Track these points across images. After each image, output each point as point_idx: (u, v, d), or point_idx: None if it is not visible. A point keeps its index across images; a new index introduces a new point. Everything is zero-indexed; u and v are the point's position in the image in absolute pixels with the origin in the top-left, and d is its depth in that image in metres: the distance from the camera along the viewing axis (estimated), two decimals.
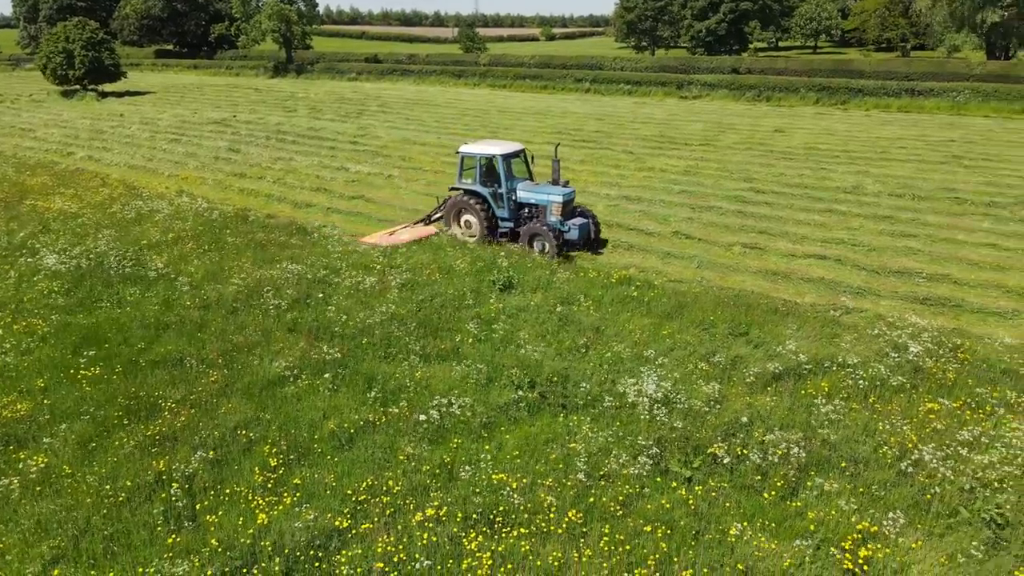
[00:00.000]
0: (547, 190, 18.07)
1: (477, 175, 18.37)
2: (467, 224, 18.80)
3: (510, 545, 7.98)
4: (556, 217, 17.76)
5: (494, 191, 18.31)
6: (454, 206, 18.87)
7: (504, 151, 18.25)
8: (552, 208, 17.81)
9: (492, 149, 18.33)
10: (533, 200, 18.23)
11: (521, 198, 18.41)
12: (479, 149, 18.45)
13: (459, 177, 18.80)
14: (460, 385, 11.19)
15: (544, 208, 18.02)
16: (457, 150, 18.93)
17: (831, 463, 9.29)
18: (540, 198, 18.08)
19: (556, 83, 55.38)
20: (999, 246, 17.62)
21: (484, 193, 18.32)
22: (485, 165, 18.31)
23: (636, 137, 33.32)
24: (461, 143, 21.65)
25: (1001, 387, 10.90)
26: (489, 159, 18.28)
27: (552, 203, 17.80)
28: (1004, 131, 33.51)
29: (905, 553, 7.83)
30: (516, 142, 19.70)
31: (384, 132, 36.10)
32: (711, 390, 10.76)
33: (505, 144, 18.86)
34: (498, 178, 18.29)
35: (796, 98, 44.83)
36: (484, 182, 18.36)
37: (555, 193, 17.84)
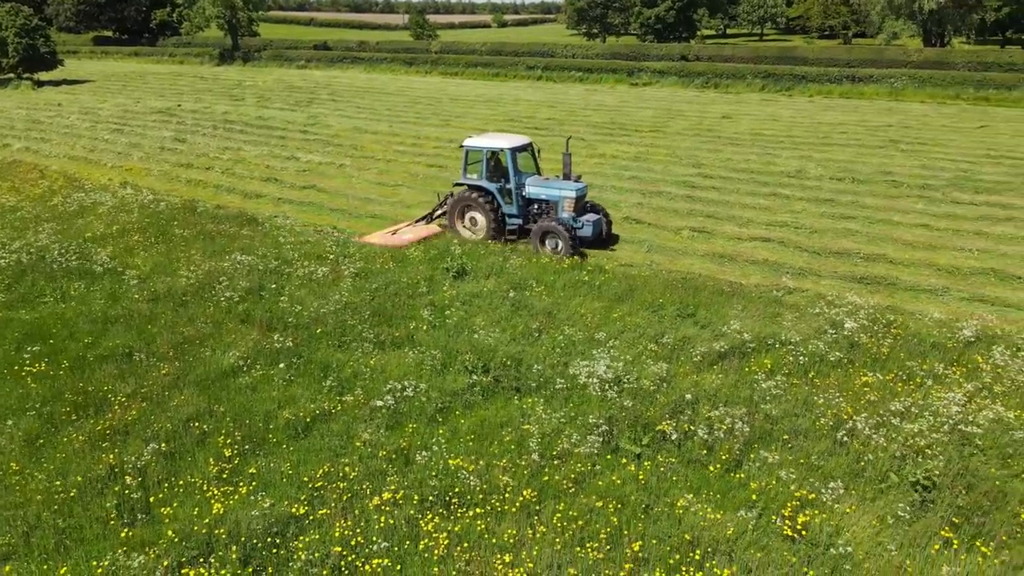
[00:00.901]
0: (559, 185, 17.28)
1: (483, 170, 17.52)
2: (472, 222, 17.96)
3: (466, 525, 8.17)
4: (568, 213, 16.96)
5: (501, 187, 17.48)
6: (458, 203, 17.97)
7: (512, 144, 17.42)
8: (564, 204, 16.99)
9: (499, 142, 17.54)
10: (543, 196, 17.39)
11: (531, 194, 17.53)
12: (485, 143, 17.64)
13: (464, 172, 17.91)
14: (415, 371, 11.32)
15: (555, 204, 17.21)
16: (461, 144, 18.10)
17: (773, 436, 9.71)
18: (551, 193, 17.25)
19: (508, 70, 55.38)
20: (931, 227, 18.43)
21: (491, 189, 17.48)
22: (491, 159, 17.53)
23: (587, 124, 33.64)
24: (409, 129, 21.59)
25: (930, 360, 11.50)
26: (496, 153, 17.48)
27: (565, 199, 16.98)
28: (939, 116, 34.82)
29: (840, 518, 8.28)
30: (522, 135, 18.77)
31: (335, 121, 35.70)
32: (659, 370, 11.10)
33: (512, 137, 18.08)
34: (505, 173, 17.47)
35: (743, 85, 45.73)
36: (490, 177, 17.57)
37: (567, 188, 17.05)
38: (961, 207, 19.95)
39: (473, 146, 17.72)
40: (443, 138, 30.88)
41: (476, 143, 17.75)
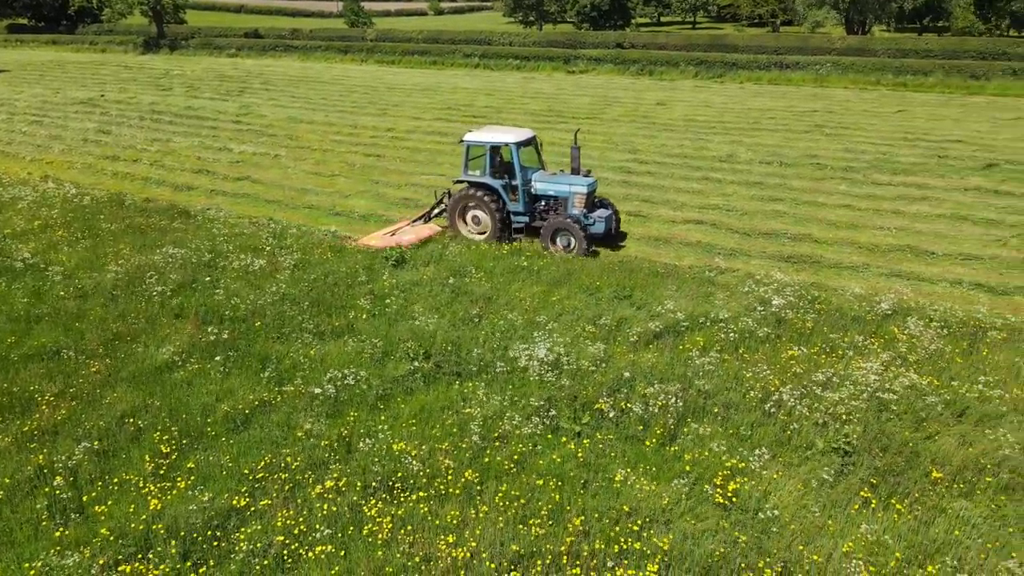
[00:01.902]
0: (568, 180, 16.58)
1: (487, 166, 16.65)
2: (475, 221, 17.11)
3: (410, 508, 8.27)
4: (579, 209, 16.30)
5: (507, 183, 16.71)
6: (460, 201, 17.09)
7: (517, 139, 16.54)
8: (575, 200, 16.30)
9: (503, 136, 16.69)
10: (552, 192, 16.69)
11: (538, 190, 16.81)
12: (487, 137, 16.74)
13: (464, 169, 17.02)
14: (355, 360, 11.32)
15: (565, 200, 16.49)
16: (461, 139, 17.22)
17: (705, 410, 10.09)
18: (560, 189, 16.56)
19: (445, 59, 55.02)
20: (853, 207, 19.28)
21: (495, 186, 16.64)
22: (495, 155, 16.74)
23: (526, 112, 33.80)
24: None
25: (851, 332, 12.10)
26: (499, 148, 16.69)
27: (575, 194, 16.29)
28: (861, 101, 36.25)
29: (768, 484, 8.69)
30: (526, 128, 18.15)
31: (269, 111, 34.93)
32: (597, 351, 11.38)
33: (516, 131, 17.23)
34: (510, 169, 16.75)
35: (677, 72, 46.59)
36: (494, 174, 16.77)
37: (578, 183, 16.37)
38: (880, 188, 20.91)
39: (475, 141, 16.81)
40: (380, 127, 30.61)
41: (478, 137, 16.82)
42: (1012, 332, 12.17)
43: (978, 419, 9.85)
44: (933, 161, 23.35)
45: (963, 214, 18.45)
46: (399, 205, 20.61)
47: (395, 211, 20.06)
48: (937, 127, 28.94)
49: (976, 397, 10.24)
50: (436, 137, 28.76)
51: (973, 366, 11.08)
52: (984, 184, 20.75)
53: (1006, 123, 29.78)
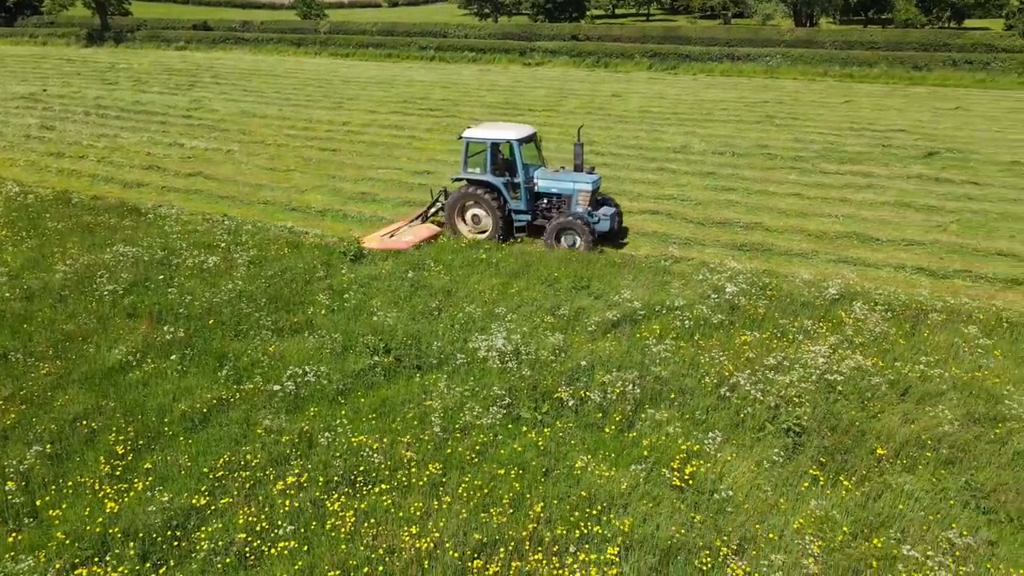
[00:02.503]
0: (572, 177, 16.33)
1: (487, 163, 16.30)
2: (475, 220, 16.75)
3: (372, 502, 8.32)
4: (584, 207, 16.07)
5: (508, 181, 16.38)
6: (459, 200, 16.67)
7: (519, 135, 16.23)
8: (579, 197, 16.07)
9: (505, 133, 16.36)
10: (555, 189, 16.41)
11: (541, 187, 16.50)
12: (488, 133, 16.43)
13: (464, 166, 16.65)
14: (315, 356, 11.27)
15: (569, 198, 16.26)
16: (460, 135, 16.84)
17: (662, 396, 10.32)
18: (564, 187, 16.31)
19: (400, 51, 54.60)
20: (802, 195, 19.81)
21: (497, 184, 16.30)
22: (495, 152, 16.41)
23: (482, 104, 33.80)
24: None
25: (800, 317, 12.48)
26: (500, 145, 16.37)
27: (580, 192, 16.06)
28: (809, 92, 37.14)
29: (722, 465, 8.96)
30: (526, 125, 17.91)
31: (220, 105, 34.26)
32: (556, 340, 11.53)
33: (517, 127, 16.97)
34: (511, 166, 16.45)
35: (631, 64, 47.04)
36: (495, 171, 16.45)
37: (582, 180, 16.14)
38: (828, 176, 21.52)
39: (474, 137, 16.46)
40: (336, 121, 30.30)
41: (478, 134, 16.47)
42: (951, 314, 12.70)
43: (920, 397, 10.28)
44: (878, 150, 24.09)
45: (906, 201, 19.12)
46: (356, 200, 20.48)
47: (352, 206, 19.94)
48: (882, 117, 29.83)
49: (918, 376, 10.68)
50: (392, 131, 28.60)
51: (915, 347, 11.54)
52: (926, 172, 21.51)
53: (946, 112, 30.84)
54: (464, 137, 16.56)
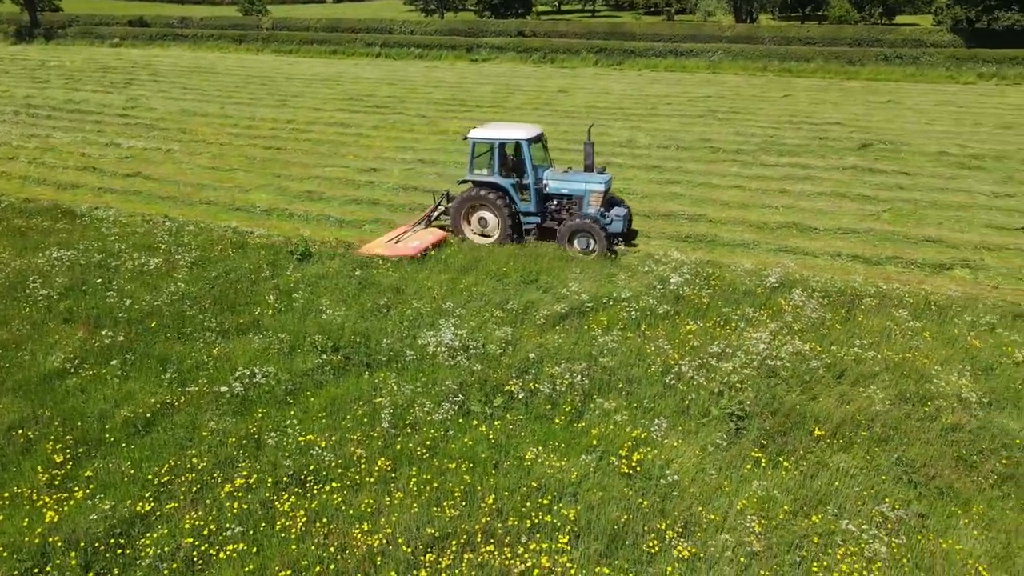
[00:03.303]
0: (584, 178, 15.97)
1: (495, 164, 15.85)
2: (482, 223, 16.28)
3: (323, 500, 8.28)
4: (596, 208, 15.72)
5: (517, 182, 15.96)
6: (465, 203, 16.20)
7: (528, 135, 15.80)
8: (591, 198, 15.71)
9: (513, 133, 15.95)
10: (566, 190, 16.02)
11: (552, 188, 16.09)
12: (494, 134, 15.97)
13: (470, 168, 16.20)
14: (262, 356, 11.13)
15: (580, 199, 15.87)
16: (466, 136, 16.31)
17: (610, 386, 10.51)
18: (575, 187, 15.89)
19: (346, 48, 53.91)
20: (744, 187, 20.34)
21: (505, 185, 15.91)
22: (503, 152, 16.01)
23: (429, 101, 33.66)
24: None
25: (742, 306, 12.85)
26: (509, 145, 16.01)
27: (592, 192, 15.69)
28: (750, 87, 38.03)
29: (669, 451, 9.19)
30: (533, 124, 17.50)
31: (159, 103, 33.34)
32: (504, 334, 11.63)
33: (524, 126, 16.60)
34: (518, 167, 16.06)
35: (577, 60, 47.41)
36: (503, 172, 16.04)
37: (594, 181, 15.79)
38: (768, 169, 22.12)
39: (481, 138, 15.96)
40: (280, 119, 29.80)
41: (484, 134, 15.98)
42: (883, 299, 13.23)
43: (855, 379, 10.70)
44: (815, 143, 24.85)
45: (842, 191, 19.80)
46: (303, 199, 20.22)
47: (299, 205, 19.68)
48: (819, 110, 30.77)
49: (853, 359, 11.11)
50: (339, 128, 28.28)
51: (850, 331, 12.00)
52: (860, 163, 22.29)
53: (879, 105, 31.99)
54: (470, 138, 16.07)
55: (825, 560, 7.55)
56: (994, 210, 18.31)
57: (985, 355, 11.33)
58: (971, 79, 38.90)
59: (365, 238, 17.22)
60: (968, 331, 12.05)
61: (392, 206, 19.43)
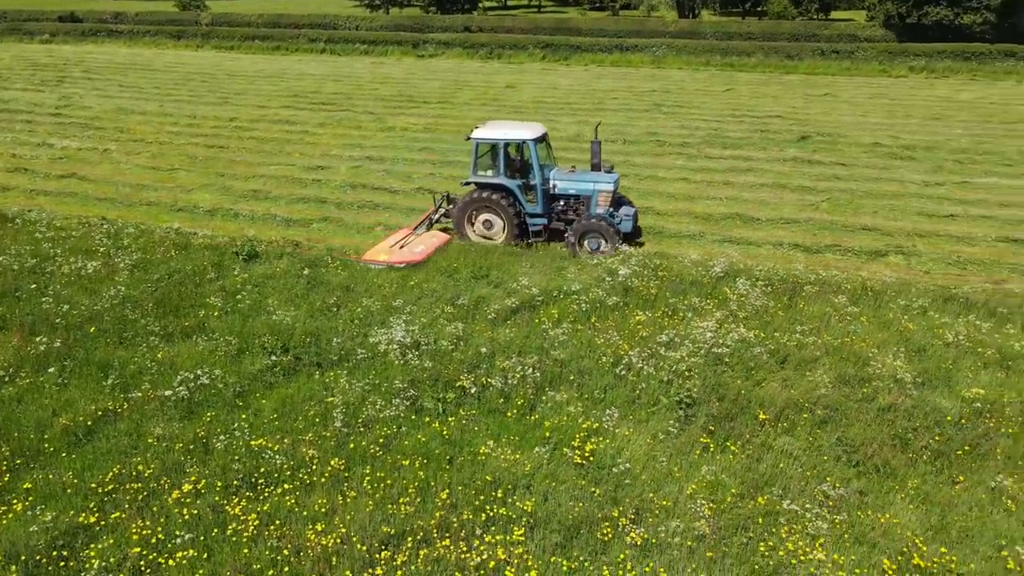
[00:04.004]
0: (592, 177, 15.74)
1: (500, 165, 15.52)
2: (487, 225, 15.89)
3: (275, 502, 8.18)
4: (604, 208, 15.51)
5: (524, 183, 15.67)
6: (470, 204, 15.80)
7: (534, 134, 15.50)
8: (600, 198, 15.47)
9: (518, 133, 15.63)
10: (573, 190, 15.75)
11: (560, 189, 15.78)
12: (499, 134, 15.58)
13: (473, 169, 15.80)
14: (209, 359, 10.91)
15: (588, 199, 15.62)
16: (468, 136, 15.91)
17: (562, 378, 10.63)
18: (583, 187, 15.65)
19: (289, 44, 52.88)
20: (689, 180, 20.73)
21: (511, 187, 15.59)
22: (508, 152, 15.64)
23: (376, 98, 33.34)
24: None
25: (689, 296, 13.12)
26: (513, 145, 15.69)
27: (600, 192, 15.45)
28: (694, 81, 38.72)
29: (620, 440, 9.34)
30: (536, 123, 17.08)
31: (94, 101, 32.21)
32: (456, 330, 11.65)
33: (528, 126, 16.25)
34: (523, 167, 15.81)
35: (525, 55, 47.51)
36: (508, 173, 15.71)
37: (603, 180, 15.59)
38: (713, 161, 22.59)
39: (485, 138, 15.59)
40: (223, 117, 29.12)
41: (488, 134, 15.62)
42: (823, 286, 13.67)
43: (797, 364, 11.05)
44: (757, 135, 25.48)
45: (782, 182, 20.35)
46: (248, 198, 19.82)
47: (244, 204, 19.29)
48: (760, 104, 31.53)
49: (795, 345, 11.47)
50: (283, 126, 27.79)
51: (792, 318, 12.38)
52: (799, 155, 22.95)
53: (816, 99, 32.94)
54: (473, 138, 15.66)
55: (771, 540, 7.80)
56: (924, 198, 19.09)
57: (918, 337, 11.82)
58: (902, 72, 40.35)
59: (313, 236, 17.02)
60: (902, 315, 12.55)
61: (340, 204, 19.21)
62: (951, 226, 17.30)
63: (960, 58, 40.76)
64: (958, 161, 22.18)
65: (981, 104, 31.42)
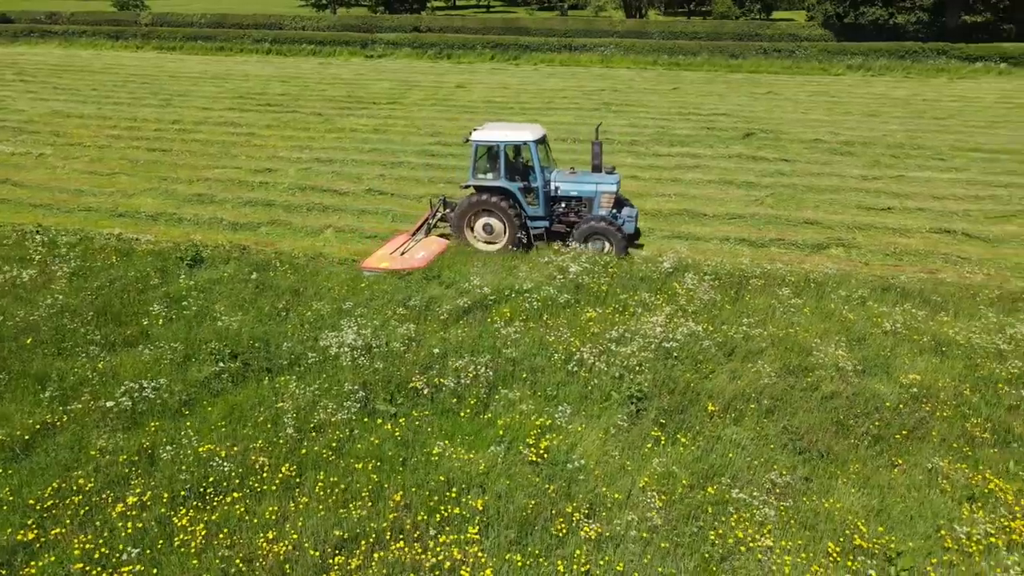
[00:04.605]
0: (595, 179, 15.58)
1: (501, 167, 15.19)
2: (487, 229, 15.54)
3: (224, 512, 8.03)
4: (607, 209, 15.38)
5: (526, 185, 15.41)
6: (470, 208, 15.45)
7: (535, 136, 15.22)
8: (603, 199, 15.34)
9: (519, 134, 15.31)
10: (575, 192, 15.56)
11: (563, 190, 15.59)
12: (499, 135, 15.21)
13: (472, 172, 15.44)
14: (153, 368, 10.64)
15: (590, 200, 15.49)
16: (467, 139, 15.51)
17: (514, 376, 10.67)
18: (585, 188, 15.49)
19: (233, 44, 51.83)
20: (639, 177, 21.00)
21: (513, 189, 15.30)
22: (508, 154, 15.35)
23: (324, 98, 32.92)
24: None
25: (639, 291, 13.30)
26: (514, 147, 15.45)
27: (603, 193, 15.32)
28: (642, 80, 39.25)
29: (574, 436, 9.43)
30: (534, 124, 16.77)
31: (27, 104, 31.05)
32: (408, 331, 11.59)
33: (528, 127, 15.92)
34: (523, 170, 15.59)
35: (474, 55, 47.49)
36: (509, 176, 15.42)
37: (606, 181, 15.44)
38: (661, 159, 22.93)
39: (486, 140, 15.23)
40: (165, 119, 28.39)
41: (489, 136, 15.24)
42: (768, 279, 14.02)
43: (744, 356, 11.30)
44: (703, 133, 25.97)
45: (728, 179, 20.78)
46: (192, 202, 19.36)
47: (188, 208, 18.83)
48: (705, 102, 32.13)
49: (742, 337, 11.73)
50: (229, 128, 27.23)
51: (739, 311, 12.65)
52: (744, 151, 23.47)
53: (760, 97, 33.72)
54: (472, 140, 15.30)
55: (721, 528, 7.97)
56: (863, 192, 19.72)
57: (858, 326, 12.21)
58: (841, 71, 41.57)
59: (261, 240, 16.71)
60: (843, 305, 12.95)
61: (288, 207, 18.92)
62: (888, 218, 17.92)
63: (895, 56, 42.20)
64: (894, 156, 22.96)
65: (914, 101, 32.59)
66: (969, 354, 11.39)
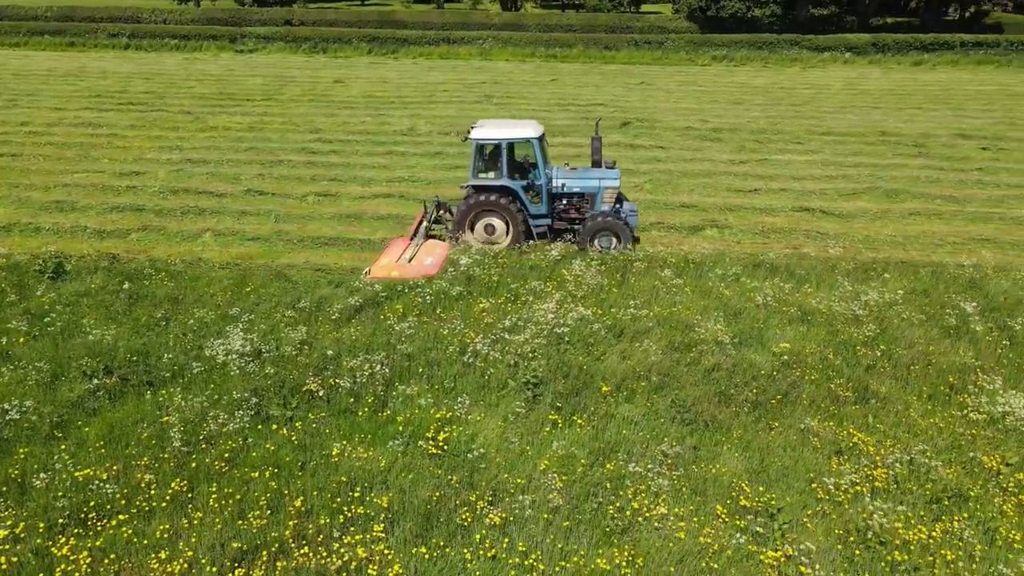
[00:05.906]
0: (597, 174, 15.41)
1: (504, 166, 14.79)
2: (489, 229, 15.20)
3: (109, 536, 7.59)
4: (609, 204, 15.23)
5: (528, 182, 15.06)
6: (472, 208, 15.04)
7: (537, 133, 14.92)
8: (606, 195, 15.17)
9: (520, 132, 14.95)
10: (577, 188, 15.32)
11: (566, 187, 15.31)
12: (501, 133, 14.83)
13: (473, 171, 15.00)
14: (16, 390, 9.85)
15: (592, 196, 15.31)
16: (467, 137, 15.06)
17: (411, 371, 10.66)
18: (588, 184, 15.28)
19: (86, 39, 48.19)
20: None
21: (516, 188, 14.95)
22: (510, 153, 14.88)
23: (192, 96, 31.27)
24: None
25: (529, 280, 13.57)
26: (514, 144, 14.91)
27: (607, 188, 15.14)
28: (521, 72, 39.77)
29: (473, 427, 9.54)
30: (531, 120, 16.09)
31: None
32: (299, 334, 11.31)
33: (528, 123, 15.52)
34: (523, 167, 15.21)
35: (351, 49, 46.48)
36: (511, 174, 14.98)
37: (609, 176, 15.29)
38: None
39: (487, 138, 14.86)
40: (12, 121, 26.05)
41: (490, 134, 14.88)
42: (651, 261, 14.65)
43: (632, 336, 11.79)
44: (582, 123, 26.65)
45: None
46: (51, 210, 17.92)
47: (46, 217, 17.41)
48: (583, 93, 32.99)
49: (629, 319, 12.23)
50: (87, 129, 25.36)
51: (625, 294, 13.17)
52: (622, 140, 24.32)
53: (634, 87, 35.01)
54: (473, 139, 14.89)
55: (619, 502, 8.32)
56: (732, 176, 20.94)
57: (734, 302, 13.02)
58: (707, 62, 43.80)
59: (132, 248, 15.71)
60: (719, 283, 13.75)
61: (161, 211, 17.88)
62: (755, 199, 19.13)
63: (754, 48, 44.91)
64: (758, 141, 24.49)
65: (773, 89, 34.85)
66: (831, 321, 12.40)
